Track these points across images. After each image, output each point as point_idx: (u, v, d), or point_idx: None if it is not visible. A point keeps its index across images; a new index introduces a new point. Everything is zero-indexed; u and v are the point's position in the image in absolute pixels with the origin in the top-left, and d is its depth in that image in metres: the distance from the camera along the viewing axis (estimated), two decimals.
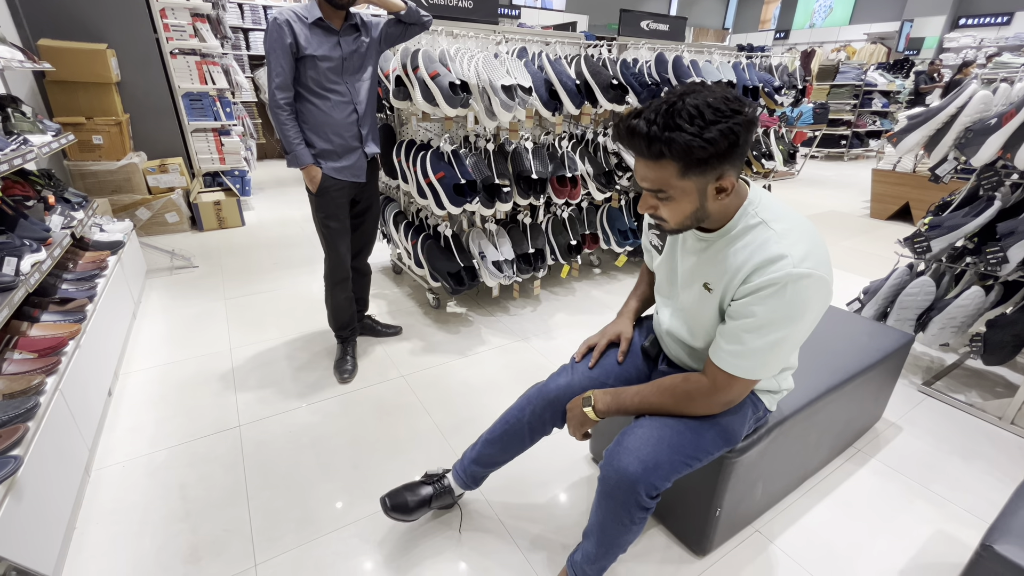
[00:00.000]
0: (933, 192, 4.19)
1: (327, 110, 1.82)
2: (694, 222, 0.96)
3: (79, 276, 2.06)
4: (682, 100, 0.83)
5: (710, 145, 0.81)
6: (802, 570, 1.32)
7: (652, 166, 0.88)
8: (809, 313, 0.90)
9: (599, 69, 2.52)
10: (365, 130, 1.92)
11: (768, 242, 0.91)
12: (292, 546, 1.35)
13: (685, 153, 0.82)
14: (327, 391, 2.01)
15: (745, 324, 0.93)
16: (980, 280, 2.02)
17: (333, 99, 1.82)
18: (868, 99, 7.82)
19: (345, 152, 1.89)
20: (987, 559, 0.92)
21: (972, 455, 1.74)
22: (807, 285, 0.87)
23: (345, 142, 1.88)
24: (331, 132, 1.85)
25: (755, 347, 0.93)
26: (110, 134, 3.44)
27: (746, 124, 0.83)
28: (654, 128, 0.83)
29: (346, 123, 1.86)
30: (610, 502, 1.01)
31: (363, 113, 1.89)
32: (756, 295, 0.90)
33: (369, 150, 1.97)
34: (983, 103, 1.88)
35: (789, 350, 0.96)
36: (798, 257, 0.87)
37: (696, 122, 0.81)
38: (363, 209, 2.13)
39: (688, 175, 0.86)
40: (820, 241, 0.93)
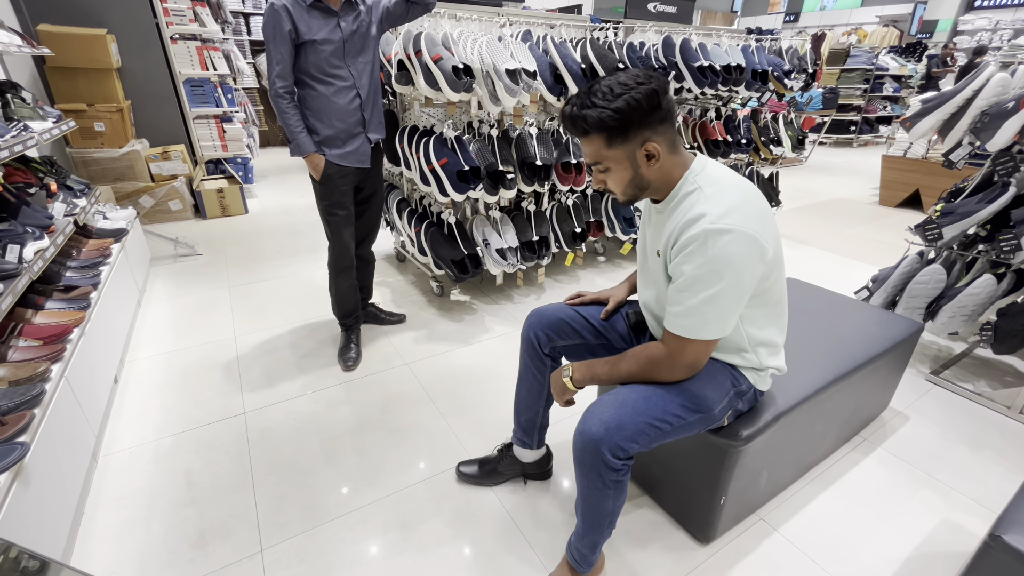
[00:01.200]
0: (944, 179, 4.12)
1: (329, 96, 1.78)
2: (637, 190, 1.04)
3: (83, 264, 2.06)
4: (598, 82, 0.96)
5: (617, 114, 0.93)
6: (806, 558, 1.32)
7: (585, 142, 1.01)
8: (735, 268, 0.93)
9: (605, 53, 2.47)
10: (368, 114, 1.89)
11: (694, 204, 0.97)
12: (298, 532, 1.36)
13: (600, 125, 0.95)
14: (331, 379, 2.01)
15: (678, 284, 0.99)
16: (992, 268, 1.98)
17: (336, 84, 1.78)
18: (879, 84, 7.66)
19: (349, 138, 1.86)
20: (996, 549, 0.91)
21: (980, 445, 1.73)
22: (728, 240, 0.92)
23: (348, 128, 1.85)
24: (334, 118, 1.81)
25: (691, 305, 0.97)
26: (112, 121, 3.42)
27: (648, 93, 0.93)
28: (574, 108, 0.97)
29: (349, 108, 1.83)
30: (582, 468, 1.04)
31: (366, 97, 1.86)
32: (682, 254, 0.97)
33: (373, 135, 1.94)
34: (1000, 86, 1.83)
35: (727, 306, 0.98)
36: (716, 214, 0.93)
37: (606, 97, 0.94)
38: (367, 196, 2.10)
39: (613, 145, 0.98)
40: (752, 201, 0.97)
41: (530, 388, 1.38)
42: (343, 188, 1.92)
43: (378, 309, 2.44)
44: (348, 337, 2.17)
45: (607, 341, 1.31)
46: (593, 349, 1.32)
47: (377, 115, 1.95)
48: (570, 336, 1.31)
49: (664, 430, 1.03)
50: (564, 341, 1.32)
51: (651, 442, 1.03)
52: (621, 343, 1.31)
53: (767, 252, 0.95)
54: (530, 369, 1.37)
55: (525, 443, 1.45)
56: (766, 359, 1.13)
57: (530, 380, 1.38)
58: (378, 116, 1.96)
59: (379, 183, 2.13)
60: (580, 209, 2.88)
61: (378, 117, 1.96)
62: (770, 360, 1.14)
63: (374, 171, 2.05)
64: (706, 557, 1.32)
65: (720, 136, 3.14)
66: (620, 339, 1.31)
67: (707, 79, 2.72)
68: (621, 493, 1.06)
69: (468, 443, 1.69)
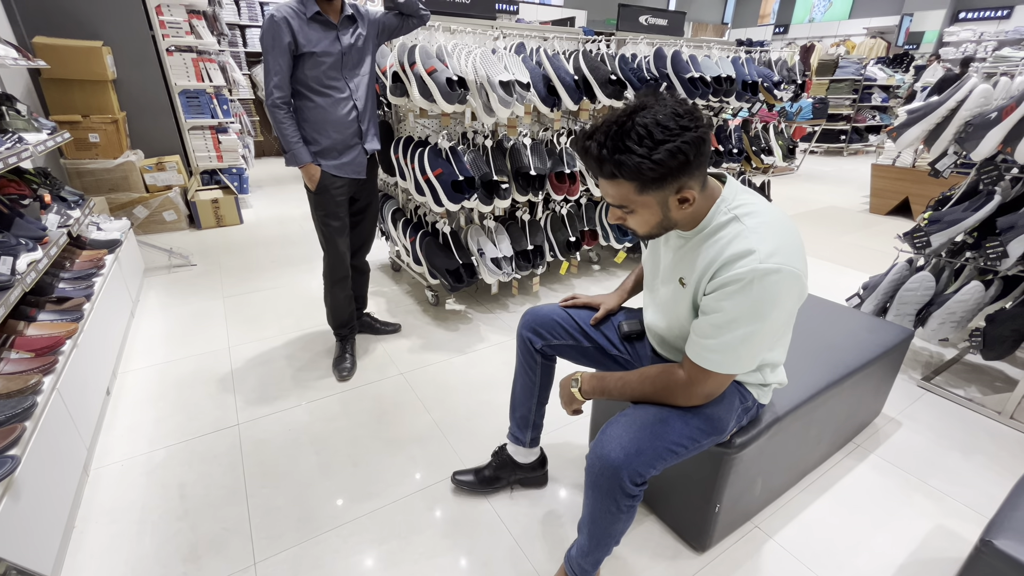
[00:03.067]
0: (932, 187, 4.18)
1: (327, 107, 1.80)
2: (662, 230, 0.99)
3: (76, 275, 2.05)
4: (631, 119, 0.85)
5: (659, 166, 0.84)
6: (801, 565, 1.32)
7: (610, 184, 0.91)
8: (778, 308, 0.91)
9: (597, 64, 2.51)
10: (365, 126, 1.91)
11: (737, 237, 0.91)
12: (292, 544, 1.35)
13: (636, 174, 0.85)
14: (326, 389, 2.01)
15: (714, 319, 0.94)
16: (980, 275, 2.01)
17: (333, 96, 1.80)
18: (868, 94, 7.80)
19: (345, 149, 1.88)
20: (987, 555, 0.92)
21: (972, 450, 1.74)
22: (775, 280, 0.88)
23: (345, 139, 1.86)
24: (331, 129, 1.83)
25: (725, 341, 0.94)
26: (107, 132, 3.42)
27: (695, 142, 0.84)
28: (604, 151, 0.86)
29: (346, 120, 1.84)
30: (596, 492, 1.02)
31: (363, 109, 1.88)
32: (723, 290, 0.91)
33: (369, 146, 1.95)
34: (983, 97, 1.88)
35: (761, 344, 0.96)
36: (765, 252, 0.88)
37: (645, 143, 0.83)
38: (362, 207, 2.12)
39: (646, 192, 0.89)
40: (793, 235, 0.94)
41: (523, 385, 1.40)
42: (339, 199, 1.93)
43: (373, 319, 2.44)
44: (343, 347, 2.17)
45: (598, 345, 1.32)
46: (585, 351, 1.33)
47: (373, 127, 1.97)
48: (562, 336, 1.33)
49: (680, 454, 1.02)
50: (556, 340, 1.33)
51: (666, 465, 1.02)
52: (612, 349, 1.32)
53: (806, 289, 0.94)
54: (523, 367, 1.39)
55: (518, 440, 1.46)
56: (770, 376, 1.14)
57: (523, 377, 1.40)
58: (374, 127, 1.98)
59: (374, 194, 2.15)
60: (574, 218, 2.90)
61: (374, 128, 1.98)
62: (772, 376, 1.15)
63: (369, 182, 2.06)
64: (702, 566, 1.32)
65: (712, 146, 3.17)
66: (611, 345, 1.32)
67: (698, 90, 2.76)
68: (632, 516, 1.05)
69: (463, 452, 1.69)
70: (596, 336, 1.33)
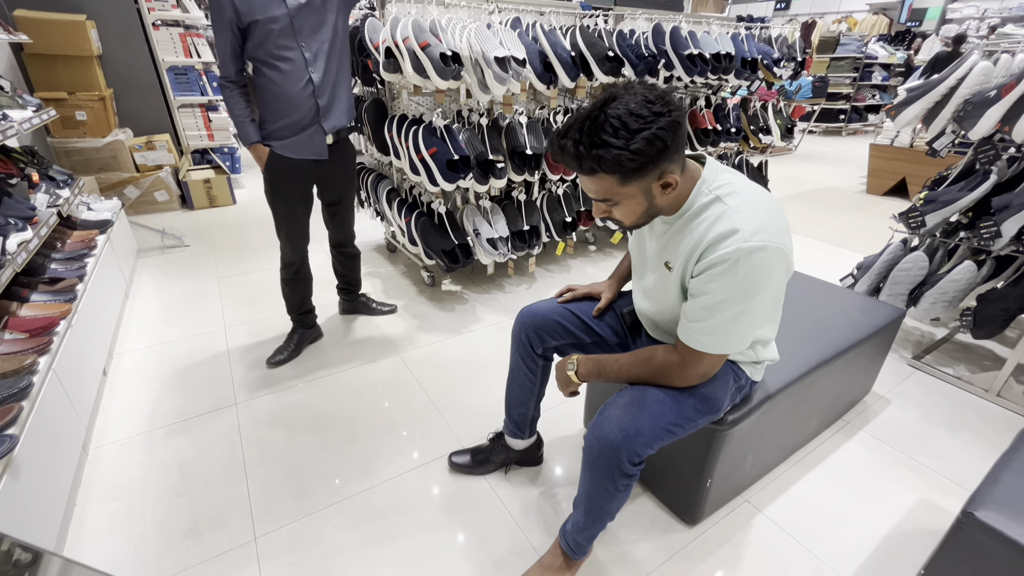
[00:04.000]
0: (930, 167, 4.16)
1: (278, 81, 1.62)
2: (648, 218, 0.99)
3: (68, 256, 2.04)
4: (603, 112, 0.84)
5: (639, 156, 0.83)
6: (789, 538, 1.36)
7: (591, 179, 0.90)
8: (767, 285, 0.92)
9: (595, 40, 2.46)
10: (325, 102, 1.71)
11: (721, 218, 0.91)
12: (291, 520, 1.38)
13: (616, 167, 0.85)
14: (323, 369, 2.02)
15: (703, 301, 0.94)
16: (973, 255, 2.02)
17: (283, 68, 1.61)
18: (868, 72, 7.70)
19: (301, 130, 1.71)
20: (968, 526, 0.95)
21: (958, 427, 1.78)
22: (762, 258, 0.88)
23: (300, 118, 1.69)
24: (284, 107, 1.66)
25: (715, 323, 0.95)
26: (94, 110, 3.35)
27: (670, 126, 0.84)
28: (581, 148, 0.85)
29: (301, 96, 1.65)
30: (594, 471, 1.04)
31: (321, 82, 1.68)
32: (710, 272, 0.92)
33: (332, 124, 1.75)
34: (983, 74, 1.86)
35: (752, 323, 0.97)
36: (750, 231, 0.88)
37: (621, 134, 0.82)
38: (334, 200, 1.97)
39: (628, 183, 0.89)
40: (775, 211, 0.94)
41: (522, 385, 1.38)
42: (293, 184, 1.79)
43: (369, 299, 2.43)
44: (290, 335, 2.10)
45: (601, 338, 1.30)
46: (586, 348, 1.31)
47: (340, 103, 1.76)
48: (563, 336, 1.30)
49: (677, 433, 1.04)
50: (557, 341, 1.30)
51: (663, 444, 1.03)
52: (615, 339, 1.30)
53: (792, 265, 0.94)
54: (522, 367, 1.36)
55: (517, 435, 1.47)
56: (762, 352, 1.15)
57: (521, 378, 1.37)
58: (341, 104, 1.77)
59: (348, 187, 1.98)
60: (571, 198, 2.88)
61: (341, 105, 1.77)
62: (765, 353, 1.16)
63: (340, 174, 1.90)
64: (692, 538, 1.35)
65: (710, 125, 3.15)
66: (613, 335, 1.31)
67: (697, 67, 2.72)
68: (628, 494, 1.07)
69: (460, 432, 1.71)
70: (599, 328, 1.30)
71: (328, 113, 1.73)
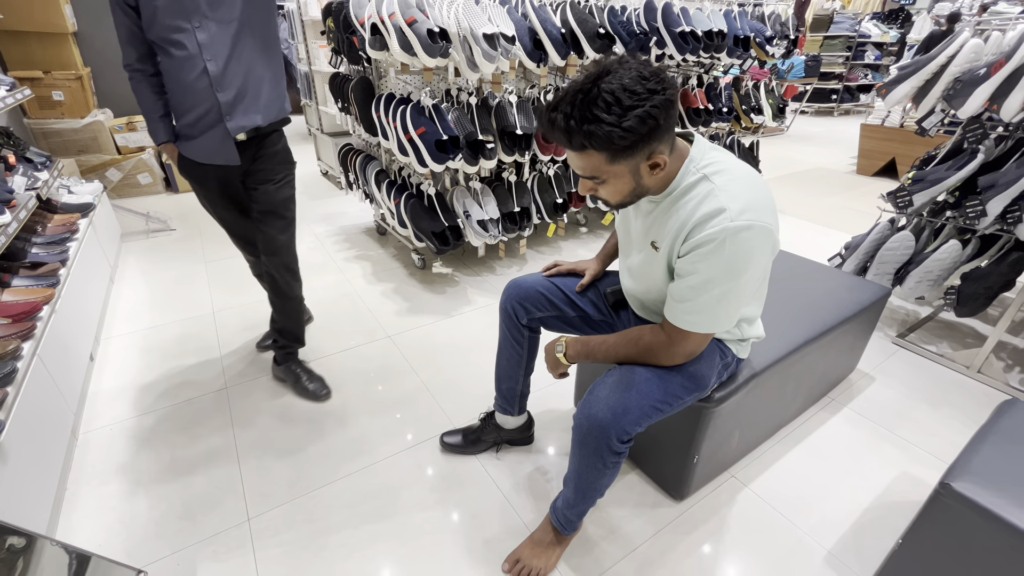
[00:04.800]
0: (919, 147, 4.17)
1: (172, 71, 1.37)
2: (635, 198, 0.98)
3: (49, 240, 2.00)
4: (596, 86, 0.81)
5: (630, 133, 0.82)
6: (774, 511, 1.39)
7: (580, 156, 0.89)
8: (752, 264, 0.92)
9: (585, 17, 2.42)
10: (229, 96, 1.40)
11: (708, 197, 0.91)
12: (284, 500, 1.39)
13: (607, 143, 0.83)
14: (314, 352, 2.01)
15: (690, 281, 0.95)
16: (959, 234, 2.04)
17: (175, 54, 1.34)
18: (861, 51, 7.65)
19: (203, 129, 1.44)
20: (945, 496, 0.97)
21: (940, 403, 1.82)
22: (747, 237, 0.88)
23: (198, 114, 1.41)
24: (184, 100, 1.40)
25: (702, 302, 0.95)
26: (71, 89, 3.25)
27: (664, 105, 0.82)
28: (572, 122, 0.83)
29: (196, 88, 1.37)
30: (584, 449, 1.05)
31: (221, 72, 1.37)
32: (697, 251, 0.92)
33: (236, 123, 1.43)
34: (974, 52, 1.85)
35: (738, 301, 0.98)
36: (736, 210, 0.88)
37: (613, 110, 0.80)
38: (259, 212, 1.59)
39: (617, 161, 0.87)
40: (762, 189, 0.93)
41: (510, 358, 1.40)
42: (211, 189, 1.60)
43: (304, 371, 1.81)
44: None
45: (584, 313, 1.32)
46: (570, 320, 1.34)
47: (253, 98, 1.45)
48: (547, 308, 1.32)
49: (665, 411, 1.05)
50: (541, 313, 1.33)
51: (651, 422, 1.04)
52: (598, 315, 1.32)
53: (778, 243, 0.94)
54: (509, 340, 1.38)
55: (507, 410, 1.48)
56: (748, 330, 1.16)
57: (509, 351, 1.40)
58: (256, 99, 1.45)
59: (275, 198, 1.59)
60: (561, 179, 2.86)
61: (256, 100, 1.45)
62: (751, 331, 1.17)
63: (260, 177, 1.55)
64: (679, 513, 1.38)
65: (702, 104, 3.12)
66: (597, 311, 1.33)
67: (688, 45, 2.69)
68: (618, 471, 1.08)
69: (451, 412, 1.72)
70: (582, 304, 1.33)
71: (234, 110, 1.42)
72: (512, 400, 1.47)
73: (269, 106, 1.49)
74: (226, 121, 1.42)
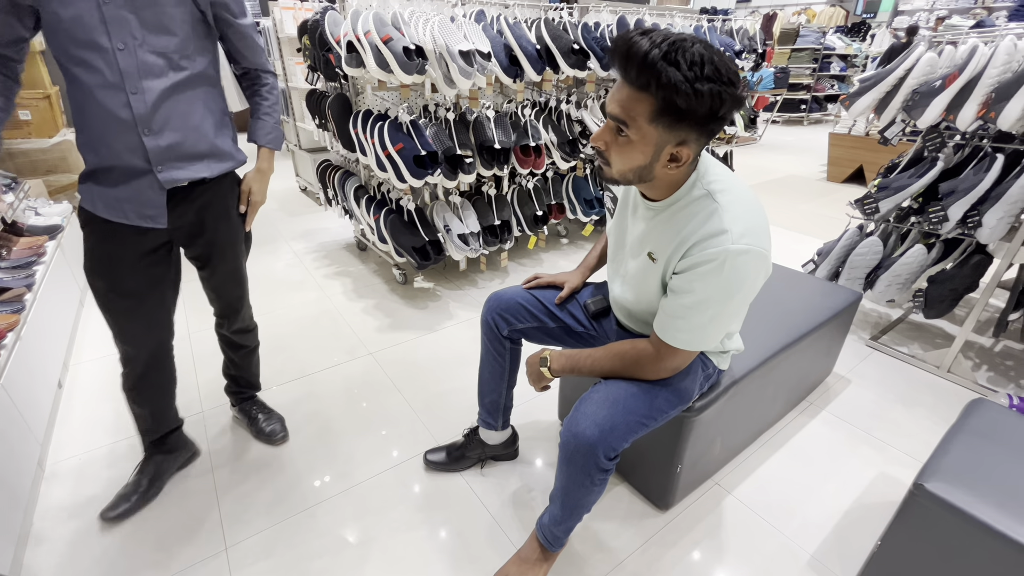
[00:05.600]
0: (885, 155, 4.33)
1: (79, 99, 1.05)
2: (636, 179, 0.93)
3: (14, 264, 1.93)
4: (691, 42, 0.79)
5: (696, 97, 0.78)
6: (758, 517, 1.41)
7: (631, 93, 0.83)
8: (746, 287, 0.93)
9: (560, 33, 2.47)
10: (159, 141, 1.08)
11: (712, 216, 0.91)
12: (264, 527, 1.35)
13: (670, 91, 0.78)
14: (291, 373, 1.98)
15: (685, 300, 0.95)
16: (923, 239, 2.12)
17: (84, 79, 1.02)
18: (827, 63, 7.94)
19: (124, 178, 1.10)
20: (919, 496, 1.00)
21: (913, 403, 1.87)
22: (745, 261, 0.88)
23: (117, 154, 1.08)
24: (93, 138, 1.08)
25: (696, 322, 0.96)
26: (39, 108, 3.18)
27: (732, 99, 0.80)
28: (655, 51, 0.77)
29: (116, 120, 1.05)
30: (571, 467, 1.04)
31: (148, 111, 1.05)
32: (696, 271, 0.92)
33: (170, 175, 1.12)
34: (929, 65, 1.94)
35: (728, 321, 0.99)
36: (737, 233, 0.88)
37: (695, 69, 0.77)
38: (200, 256, 1.34)
39: (658, 121, 0.83)
40: (761, 213, 0.94)
41: (492, 371, 1.40)
42: (117, 252, 1.18)
43: (261, 409, 1.68)
44: (140, 466, 1.45)
45: (565, 324, 1.33)
46: (551, 332, 1.34)
47: (194, 142, 1.15)
48: (528, 320, 1.33)
49: (650, 425, 1.06)
50: (522, 324, 1.33)
51: (637, 437, 1.04)
52: (578, 327, 1.33)
53: (770, 269, 0.95)
54: (491, 352, 1.38)
55: (490, 424, 1.47)
56: (728, 344, 1.18)
57: (491, 363, 1.39)
58: (198, 142, 1.15)
59: (222, 239, 1.32)
60: (541, 192, 2.89)
61: (198, 143, 1.15)
62: (731, 344, 1.19)
63: (200, 223, 1.26)
64: (665, 523, 1.39)
65: None
66: (577, 323, 1.33)
67: None
68: (604, 487, 1.08)
69: (435, 429, 1.70)
70: (562, 315, 1.33)
71: (165, 157, 1.10)
72: (496, 413, 1.46)
73: (216, 149, 1.20)
74: (156, 171, 1.11)
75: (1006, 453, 1.07)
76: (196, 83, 1.13)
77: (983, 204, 1.82)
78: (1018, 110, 1.69)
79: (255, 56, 1.29)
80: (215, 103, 1.20)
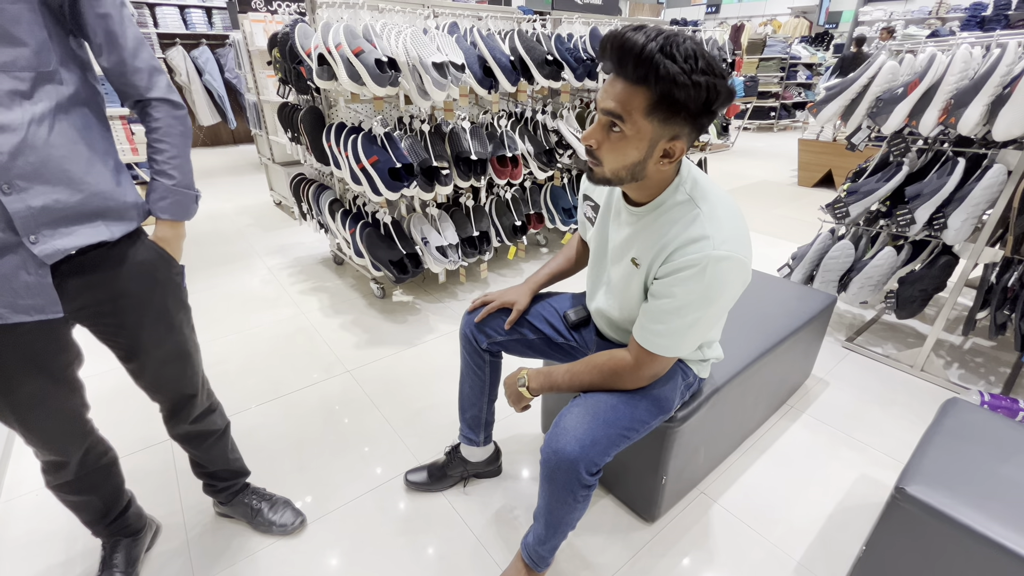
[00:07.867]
0: (853, 160, 4.46)
1: None
2: (629, 176, 0.92)
3: None
4: (682, 38, 0.80)
5: (693, 89, 0.79)
6: (744, 525, 1.40)
7: (626, 88, 0.82)
8: (726, 294, 0.92)
9: (533, 44, 2.48)
10: (26, 202, 0.79)
11: (694, 222, 0.91)
12: (236, 559, 1.29)
13: (669, 83, 0.78)
14: (268, 393, 1.91)
15: (665, 305, 0.94)
16: (892, 241, 2.17)
17: None
18: (793, 71, 8.20)
19: None
20: (901, 500, 1.00)
21: (889, 402, 1.90)
22: (726, 268, 0.88)
23: None
24: None
25: (675, 327, 0.95)
26: None
27: (725, 92, 0.82)
28: (652, 45, 0.77)
29: None
30: (553, 485, 1.02)
31: (6, 152, 0.75)
32: (676, 276, 0.91)
33: (48, 246, 0.82)
34: (891, 73, 2.00)
35: (707, 328, 0.99)
36: (719, 239, 0.88)
37: (690, 62, 0.78)
38: (125, 348, 1.07)
39: (653, 115, 0.83)
40: (741, 221, 0.95)
41: (472, 386, 1.37)
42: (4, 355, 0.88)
43: (261, 497, 1.38)
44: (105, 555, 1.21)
45: (544, 335, 1.31)
46: (531, 343, 1.32)
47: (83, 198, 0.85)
48: (506, 332, 1.31)
49: (632, 437, 1.04)
50: (501, 337, 1.31)
51: (619, 450, 1.03)
52: (558, 338, 1.31)
53: (750, 277, 0.95)
54: (471, 366, 1.36)
55: (472, 440, 1.44)
56: (708, 352, 1.18)
57: (472, 378, 1.37)
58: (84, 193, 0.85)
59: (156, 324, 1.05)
60: (519, 202, 2.88)
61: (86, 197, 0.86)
62: (711, 352, 1.19)
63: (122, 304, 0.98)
64: (653, 535, 1.37)
65: None
66: (557, 334, 1.31)
67: None
68: (588, 503, 1.06)
69: (415, 447, 1.66)
70: (541, 326, 1.31)
71: (39, 223, 0.81)
72: (477, 429, 1.42)
73: (113, 208, 0.92)
74: (30, 244, 0.81)
75: (982, 453, 1.08)
76: (69, 111, 0.83)
77: (947, 206, 1.88)
78: (976, 115, 1.75)
79: (133, 75, 0.90)
80: (102, 137, 0.90)
